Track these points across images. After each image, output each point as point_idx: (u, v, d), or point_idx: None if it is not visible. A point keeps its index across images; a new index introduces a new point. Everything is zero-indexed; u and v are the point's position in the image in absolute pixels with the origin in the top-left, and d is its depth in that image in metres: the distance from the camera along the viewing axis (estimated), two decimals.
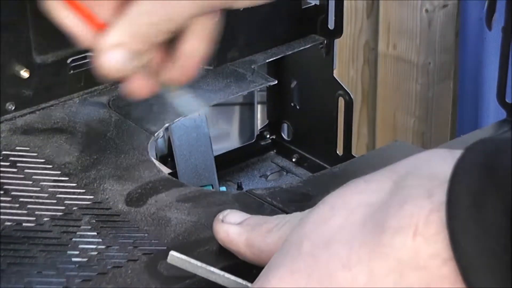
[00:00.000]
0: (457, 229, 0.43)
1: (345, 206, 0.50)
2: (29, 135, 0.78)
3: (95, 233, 0.65)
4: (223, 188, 0.99)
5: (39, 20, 0.81)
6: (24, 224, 0.66)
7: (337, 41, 0.95)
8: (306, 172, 1.01)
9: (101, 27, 0.56)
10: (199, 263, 0.57)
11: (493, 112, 1.57)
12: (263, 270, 0.52)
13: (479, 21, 1.59)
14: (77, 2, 0.56)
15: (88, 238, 0.65)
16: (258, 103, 1.58)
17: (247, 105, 1.70)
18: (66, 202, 0.68)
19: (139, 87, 0.58)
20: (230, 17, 0.90)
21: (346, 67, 1.72)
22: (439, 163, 0.47)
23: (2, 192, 0.69)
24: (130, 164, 0.74)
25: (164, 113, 0.82)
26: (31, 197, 0.69)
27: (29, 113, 0.82)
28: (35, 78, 0.82)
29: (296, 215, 0.57)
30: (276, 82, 0.91)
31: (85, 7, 0.56)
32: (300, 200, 0.69)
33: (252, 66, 0.91)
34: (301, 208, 0.68)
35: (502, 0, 0.81)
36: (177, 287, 0.59)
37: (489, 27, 0.84)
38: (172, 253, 0.58)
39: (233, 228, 0.59)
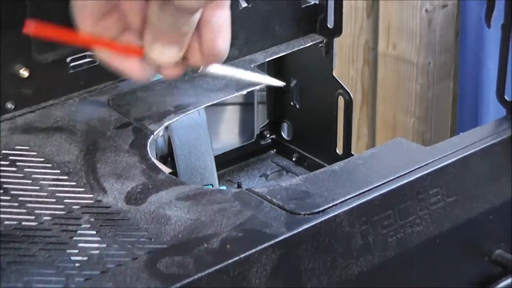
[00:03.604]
0: None
1: None
2: (29, 134, 0.78)
3: (94, 232, 0.65)
4: (223, 188, 0.99)
5: (39, 20, 0.81)
6: (23, 223, 0.66)
7: (336, 41, 0.95)
8: (306, 172, 1.01)
9: (140, 52, 0.57)
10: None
11: (492, 112, 1.57)
12: None
13: (479, 21, 1.59)
14: (111, 42, 0.57)
15: (87, 237, 0.65)
16: (258, 103, 1.58)
17: (247, 105, 1.69)
18: (65, 201, 0.68)
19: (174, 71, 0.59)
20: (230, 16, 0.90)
21: (346, 67, 1.72)
22: None
23: (1, 191, 0.69)
24: (130, 163, 0.74)
25: (164, 112, 0.82)
26: (30, 196, 0.69)
27: (29, 112, 0.82)
28: (35, 77, 0.82)
29: None
30: None
31: (119, 43, 0.57)
32: (300, 197, 0.69)
33: (252, 65, 0.91)
34: (301, 206, 0.68)
35: None
36: (177, 285, 0.59)
37: (488, 24, 0.84)
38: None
39: None
